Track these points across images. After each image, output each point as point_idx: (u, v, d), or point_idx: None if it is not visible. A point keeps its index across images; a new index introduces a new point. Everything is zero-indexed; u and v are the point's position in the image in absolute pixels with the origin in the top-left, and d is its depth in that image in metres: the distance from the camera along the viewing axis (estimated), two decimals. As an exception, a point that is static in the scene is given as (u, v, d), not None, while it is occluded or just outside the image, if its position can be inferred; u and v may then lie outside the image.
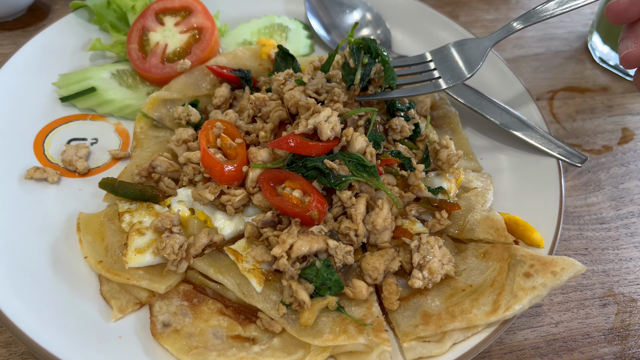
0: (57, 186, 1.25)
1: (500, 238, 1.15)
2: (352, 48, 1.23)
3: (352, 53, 1.22)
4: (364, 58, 1.20)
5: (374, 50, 1.21)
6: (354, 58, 1.22)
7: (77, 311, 1.05)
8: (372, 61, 1.21)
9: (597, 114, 1.65)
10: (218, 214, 1.16)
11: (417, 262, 1.07)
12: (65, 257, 1.13)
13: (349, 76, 1.23)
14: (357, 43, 1.23)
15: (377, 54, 1.21)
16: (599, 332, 1.19)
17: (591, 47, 1.82)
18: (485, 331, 1.04)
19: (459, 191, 1.27)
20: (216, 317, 1.06)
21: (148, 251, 1.09)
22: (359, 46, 1.22)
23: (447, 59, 1.31)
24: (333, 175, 1.11)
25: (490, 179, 1.30)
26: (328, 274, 1.06)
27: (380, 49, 1.22)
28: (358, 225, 1.09)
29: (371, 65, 1.21)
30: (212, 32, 1.44)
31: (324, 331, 1.02)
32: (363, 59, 1.20)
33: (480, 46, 1.31)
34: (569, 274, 1.04)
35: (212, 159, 1.14)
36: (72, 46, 1.51)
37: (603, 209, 1.41)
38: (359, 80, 1.21)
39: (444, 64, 1.30)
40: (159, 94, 1.34)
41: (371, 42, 1.21)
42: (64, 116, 1.38)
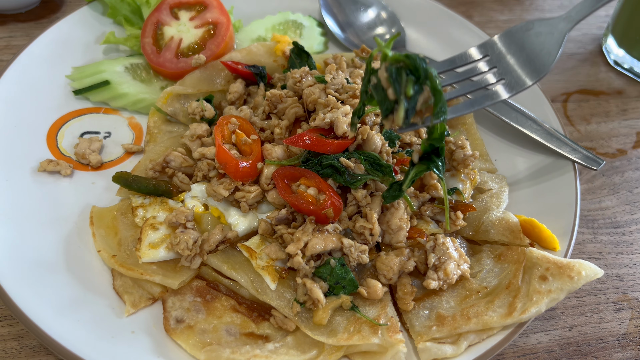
0: (70, 179, 1.24)
1: (516, 240, 1.14)
2: (390, 71, 0.88)
3: (390, 78, 0.88)
4: (408, 87, 0.86)
5: (423, 73, 0.86)
6: (394, 86, 0.88)
7: (90, 305, 1.04)
8: (419, 89, 0.87)
9: (612, 117, 1.64)
10: (232, 210, 1.15)
11: (433, 263, 1.06)
12: (78, 251, 1.12)
13: (384, 103, 0.92)
14: (397, 61, 0.87)
15: (426, 78, 0.86)
16: (612, 337, 1.19)
17: (606, 50, 1.81)
18: (500, 333, 1.03)
19: (473, 192, 1.26)
20: (229, 313, 1.05)
21: (162, 246, 1.08)
22: (398, 66, 0.87)
23: (507, 52, 1.00)
24: (348, 174, 1.11)
25: (505, 180, 1.29)
26: (342, 272, 1.05)
27: (430, 71, 0.86)
28: (373, 225, 1.08)
29: (418, 94, 0.87)
30: (227, 27, 1.43)
31: (337, 330, 1.01)
32: (407, 89, 0.86)
33: (554, 30, 1.00)
34: (585, 278, 1.04)
35: (227, 155, 1.13)
36: (86, 39, 1.51)
37: (617, 213, 1.40)
38: (401, 120, 0.89)
39: (504, 60, 1.00)
40: (173, 89, 1.34)
41: (418, 60, 0.86)
42: (77, 109, 1.38)
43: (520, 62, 0.98)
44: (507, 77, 0.97)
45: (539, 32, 1.00)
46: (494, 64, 0.99)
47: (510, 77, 0.97)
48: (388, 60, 0.89)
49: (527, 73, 0.97)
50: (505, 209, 1.23)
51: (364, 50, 1.50)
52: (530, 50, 0.97)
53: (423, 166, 0.99)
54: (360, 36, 1.62)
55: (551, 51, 0.96)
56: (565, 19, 1.01)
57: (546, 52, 0.97)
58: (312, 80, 1.25)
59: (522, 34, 1.00)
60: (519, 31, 1.01)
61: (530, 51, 0.97)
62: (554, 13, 1.98)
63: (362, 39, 1.61)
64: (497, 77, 0.98)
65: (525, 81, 0.96)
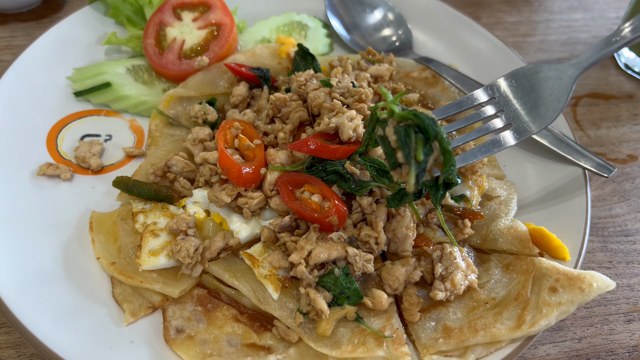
0: (69, 183, 1.22)
1: (525, 250, 1.11)
2: (398, 132, 0.85)
3: (399, 141, 0.85)
4: (419, 150, 0.82)
5: (432, 134, 0.83)
6: (404, 149, 0.84)
7: (88, 314, 1.02)
8: (429, 150, 0.84)
9: (622, 122, 1.60)
10: (234, 216, 1.13)
11: (440, 273, 1.03)
12: (77, 257, 1.10)
13: (391, 156, 0.89)
14: (405, 119, 0.84)
15: (436, 138, 0.84)
16: (623, 349, 1.16)
17: (616, 53, 1.77)
18: (509, 347, 1.00)
19: (481, 199, 1.23)
20: (231, 323, 1.03)
21: (162, 253, 1.06)
22: (407, 124, 0.84)
23: (515, 96, 0.98)
24: (353, 181, 1.08)
25: (513, 187, 1.26)
26: (347, 282, 1.02)
27: (439, 131, 0.83)
28: (379, 233, 1.05)
29: (428, 157, 0.85)
30: (230, 28, 1.41)
31: (341, 342, 0.99)
32: (417, 153, 0.82)
33: (563, 75, 0.98)
34: (597, 290, 1.01)
35: (229, 160, 1.10)
36: (87, 40, 1.48)
37: (628, 220, 1.37)
38: (413, 187, 0.86)
39: (511, 104, 0.97)
40: (175, 91, 1.31)
41: (427, 120, 0.83)
42: (77, 111, 1.35)
43: (527, 107, 0.96)
44: (515, 123, 0.95)
45: (547, 76, 0.98)
46: (501, 107, 0.96)
47: (518, 123, 0.95)
48: (395, 118, 0.86)
49: (535, 119, 0.94)
50: (513, 216, 1.20)
51: (370, 52, 1.47)
52: (538, 94, 0.94)
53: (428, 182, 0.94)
54: (367, 38, 1.59)
55: (560, 97, 0.94)
56: (575, 65, 0.99)
57: (555, 98, 0.95)
58: (317, 84, 1.23)
59: (530, 77, 0.97)
60: (526, 73, 0.98)
61: (538, 96, 0.94)
62: (563, 15, 1.94)
63: (368, 40, 1.59)
64: (504, 122, 0.96)
65: (532, 128, 0.95)
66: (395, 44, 1.59)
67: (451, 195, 1.17)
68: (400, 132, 0.85)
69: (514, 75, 0.99)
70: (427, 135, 0.84)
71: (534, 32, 1.86)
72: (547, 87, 0.96)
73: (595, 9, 1.97)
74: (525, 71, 0.99)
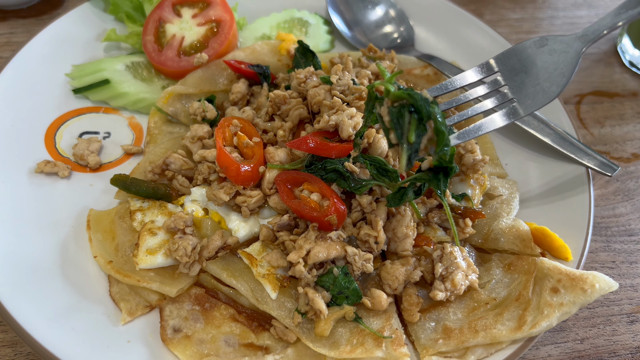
0: (67, 181, 1.21)
1: (527, 249, 1.10)
2: (392, 112, 0.85)
3: (392, 122, 0.85)
4: (411, 132, 0.83)
5: (426, 114, 0.83)
6: (396, 130, 0.85)
7: (85, 313, 1.01)
8: (422, 132, 0.84)
9: (627, 120, 1.58)
10: (233, 215, 1.12)
11: (440, 273, 1.02)
12: (74, 256, 1.09)
13: (388, 133, 0.89)
14: (399, 98, 0.84)
15: (429, 118, 0.84)
16: (626, 350, 1.14)
17: (621, 50, 1.76)
18: (509, 348, 0.99)
19: (483, 198, 1.22)
20: (228, 323, 1.02)
21: (160, 252, 1.05)
22: (401, 106, 0.84)
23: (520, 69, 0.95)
24: (353, 179, 1.07)
25: (515, 185, 1.25)
26: (346, 282, 1.01)
27: (433, 111, 0.83)
28: (378, 233, 1.04)
29: (421, 137, 0.84)
30: (230, 25, 1.40)
31: (340, 342, 0.98)
32: (410, 134, 0.83)
33: (569, 49, 0.95)
34: (599, 291, 0.99)
35: (228, 158, 1.09)
36: (87, 36, 1.47)
37: (632, 220, 1.36)
38: (404, 168, 0.87)
39: (516, 77, 0.94)
40: (174, 89, 1.30)
41: (421, 99, 0.83)
42: (76, 108, 1.34)
43: (531, 80, 0.92)
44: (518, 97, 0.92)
45: (552, 49, 0.94)
46: (505, 80, 0.94)
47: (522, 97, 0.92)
48: (390, 98, 0.86)
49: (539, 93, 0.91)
50: (515, 215, 1.19)
51: (372, 49, 1.45)
52: (542, 68, 0.91)
53: (426, 177, 0.95)
54: (368, 35, 1.58)
55: (564, 72, 0.90)
56: (581, 37, 0.95)
57: (559, 73, 0.91)
58: (317, 81, 1.21)
59: (534, 50, 0.93)
60: (531, 46, 0.95)
61: (542, 70, 0.91)
62: (568, 12, 1.92)
63: (369, 37, 1.57)
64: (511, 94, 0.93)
65: (535, 103, 0.92)
66: (397, 41, 1.57)
67: (452, 194, 1.16)
68: (394, 113, 0.85)
69: (519, 47, 0.96)
70: (420, 115, 0.83)
71: (537, 29, 1.84)
72: (552, 60, 0.93)
73: (599, 5, 1.95)
74: (530, 44, 0.96)
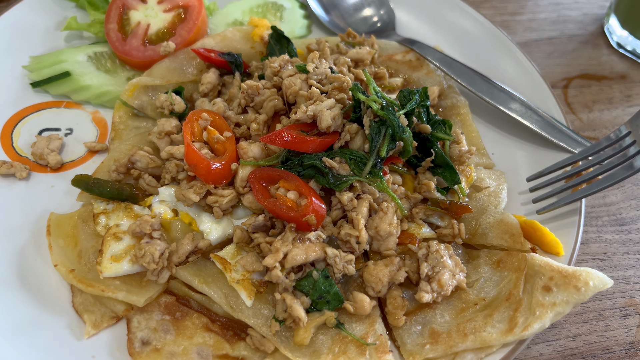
0: (26, 182, 1.14)
1: (516, 245, 1.04)
2: (372, 126, 0.99)
3: (371, 134, 0.99)
4: (383, 147, 0.98)
5: (398, 137, 1.00)
6: (371, 141, 0.99)
7: (45, 327, 0.95)
8: (392, 146, 1.00)
9: (615, 104, 1.53)
10: (204, 216, 1.05)
11: (426, 273, 0.96)
12: (33, 264, 1.03)
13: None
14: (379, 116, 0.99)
15: (401, 139, 1.01)
16: (619, 346, 1.10)
17: (608, 30, 1.70)
18: (500, 352, 0.94)
19: (469, 191, 1.16)
20: (201, 333, 0.95)
21: (125, 259, 0.97)
22: (381, 122, 0.99)
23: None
24: (332, 175, 1.00)
25: (503, 176, 1.19)
26: (326, 286, 0.95)
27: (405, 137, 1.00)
28: (360, 232, 0.97)
29: (390, 149, 1.01)
30: (198, 10, 1.31)
31: (321, 351, 0.92)
32: (381, 149, 0.98)
33: None
34: (593, 289, 0.94)
35: (196, 155, 1.02)
36: (45, 25, 1.39)
37: (623, 208, 1.31)
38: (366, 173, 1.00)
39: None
40: (139, 80, 1.22)
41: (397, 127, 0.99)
42: (35, 103, 1.27)
43: None
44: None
45: None
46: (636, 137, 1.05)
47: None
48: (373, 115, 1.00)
49: None
50: (504, 208, 1.13)
51: (350, 34, 1.38)
52: None
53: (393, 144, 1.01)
54: (346, 19, 1.50)
55: None
56: None
57: None
58: (293, 70, 1.14)
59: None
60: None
61: None
62: (553, -8, 1.85)
63: (348, 21, 1.50)
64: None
65: None
66: (377, 25, 1.50)
67: (437, 187, 1.10)
68: (374, 128, 1.00)
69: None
70: (394, 135, 1.00)
71: (522, 10, 1.78)
72: None
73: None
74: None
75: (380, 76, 1.29)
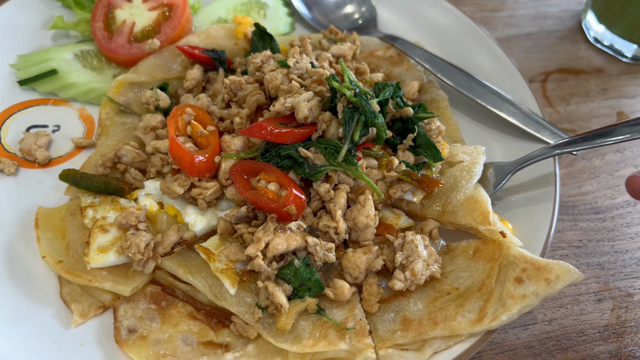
0: (14, 178, 1.16)
1: (485, 222, 1.03)
2: (345, 112, 1.02)
3: (344, 119, 1.02)
4: (356, 132, 1.01)
5: (370, 123, 1.03)
6: (345, 127, 1.02)
7: (33, 317, 0.97)
8: (365, 133, 1.03)
9: (592, 97, 1.57)
10: (189, 208, 1.07)
11: (400, 261, 0.99)
12: (21, 257, 1.05)
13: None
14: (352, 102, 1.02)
15: (373, 125, 1.03)
16: (594, 329, 1.14)
17: (585, 26, 1.74)
18: (468, 340, 0.96)
19: (441, 167, 1.15)
20: (186, 321, 0.98)
21: (112, 250, 1.00)
22: (354, 108, 1.02)
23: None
24: (308, 165, 1.03)
25: (479, 150, 1.16)
26: (307, 273, 0.98)
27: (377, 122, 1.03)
28: (338, 223, 1.00)
29: (363, 135, 1.03)
30: (183, 8, 1.34)
31: (302, 336, 0.94)
32: (354, 134, 1.01)
33: None
34: (563, 282, 0.95)
35: (180, 148, 1.05)
36: (32, 24, 1.41)
37: (598, 197, 1.35)
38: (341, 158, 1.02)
39: None
40: (125, 77, 1.24)
41: (369, 112, 1.02)
42: (22, 101, 1.28)
43: None
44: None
45: None
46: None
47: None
48: (346, 101, 1.03)
49: None
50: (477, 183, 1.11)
51: (332, 31, 1.41)
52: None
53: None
54: (328, 15, 1.53)
55: None
56: None
57: None
58: (275, 65, 1.17)
59: None
60: None
61: None
62: (533, -12, 1.89)
63: (330, 18, 1.52)
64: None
65: None
66: (359, 22, 1.53)
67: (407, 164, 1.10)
68: (347, 113, 1.02)
69: None
70: (366, 122, 1.02)
71: (502, 6, 1.81)
72: None
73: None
74: None
75: (362, 71, 1.32)
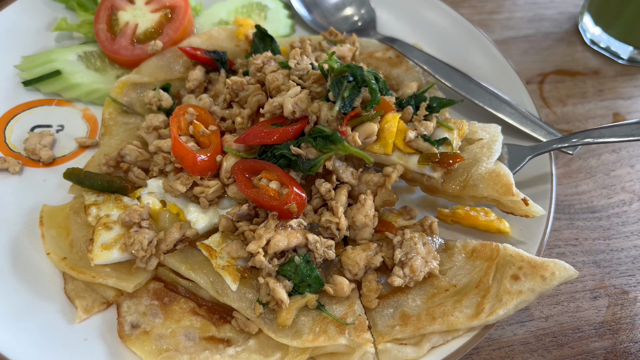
0: (19, 177, 1.18)
1: (508, 194, 1.03)
2: (334, 81, 1.05)
3: (332, 85, 1.05)
4: (345, 91, 1.03)
5: (360, 79, 1.04)
6: (334, 89, 1.05)
7: (38, 312, 0.99)
8: (357, 93, 1.05)
9: (588, 99, 1.59)
10: (191, 206, 1.09)
11: (399, 258, 1.01)
12: (26, 254, 1.06)
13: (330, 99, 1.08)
14: (341, 72, 1.05)
15: (364, 82, 1.04)
16: (589, 326, 1.15)
17: (582, 28, 1.76)
18: (466, 335, 0.98)
19: (461, 143, 1.15)
20: (188, 317, 0.99)
21: (115, 247, 1.02)
22: (342, 76, 1.05)
23: None
24: (301, 161, 1.04)
25: (498, 129, 1.17)
26: (308, 270, 1.00)
27: (368, 76, 1.05)
28: (339, 218, 1.02)
29: (355, 96, 1.05)
30: (185, 10, 1.36)
31: (303, 331, 0.96)
32: (344, 92, 1.03)
33: None
34: (559, 279, 0.97)
35: (183, 147, 1.06)
36: (36, 26, 1.42)
37: (594, 197, 1.37)
38: (335, 113, 1.04)
39: None
40: (128, 78, 1.26)
41: (356, 69, 1.04)
42: (27, 101, 1.30)
43: None
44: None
45: None
46: None
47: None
48: (335, 72, 1.05)
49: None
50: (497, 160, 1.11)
51: (332, 32, 1.43)
52: None
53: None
54: (328, 18, 1.55)
55: None
56: None
57: None
58: (276, 66, 1.19)
59: None
60: None
61: None
62: (531, -8, 1.91)
63: (329, 20, 1.55)
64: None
65: None
66: (358, 24, 1.55)
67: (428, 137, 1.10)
68: (335, 81, 1.05)
69: None
70: (356, 81, 1.04)
71: (500, 9, 1.83)
72: None
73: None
74: None
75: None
